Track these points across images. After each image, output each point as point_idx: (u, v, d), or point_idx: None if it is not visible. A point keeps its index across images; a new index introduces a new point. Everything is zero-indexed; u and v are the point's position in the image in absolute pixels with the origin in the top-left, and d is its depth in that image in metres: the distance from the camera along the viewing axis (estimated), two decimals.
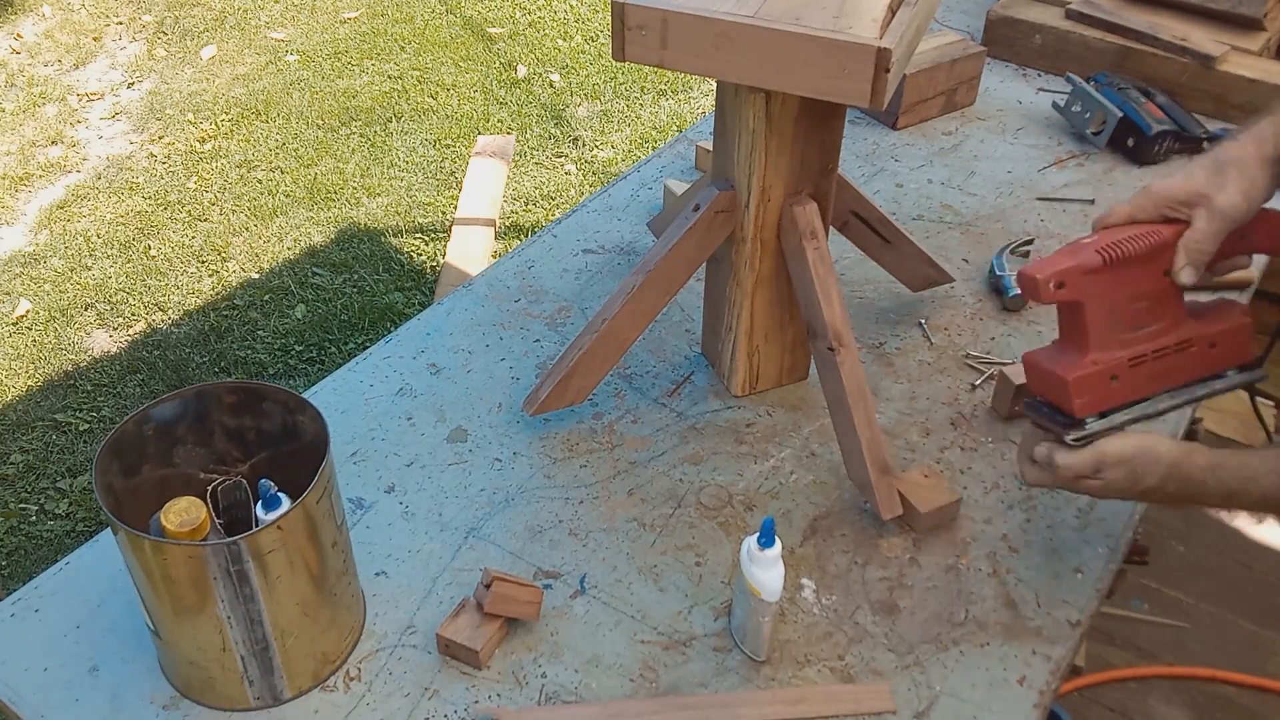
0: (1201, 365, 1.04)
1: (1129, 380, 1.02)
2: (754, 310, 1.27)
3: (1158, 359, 1.03)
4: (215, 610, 0.92)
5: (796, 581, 1.13)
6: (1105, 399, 1.02)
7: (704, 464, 1.26)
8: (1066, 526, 1.19)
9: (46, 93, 4.23)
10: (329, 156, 3.80)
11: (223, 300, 3.20)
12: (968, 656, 1.06)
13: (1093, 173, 1.76)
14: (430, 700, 1.02)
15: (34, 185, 3.75)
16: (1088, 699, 2.13)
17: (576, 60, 4.33)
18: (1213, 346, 1.04)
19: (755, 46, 1.05)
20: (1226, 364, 1.05)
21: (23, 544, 2.51)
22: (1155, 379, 1.03)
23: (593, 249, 1.62)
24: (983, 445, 1.29)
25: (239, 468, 1.06)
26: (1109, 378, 1.01)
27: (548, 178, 3.69)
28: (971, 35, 2.08)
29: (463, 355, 1.42)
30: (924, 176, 1.76)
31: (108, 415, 2.83)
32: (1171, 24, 1.91)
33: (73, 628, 1.08)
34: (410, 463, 1.26)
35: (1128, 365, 1.02)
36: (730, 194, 1.20)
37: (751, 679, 1.04)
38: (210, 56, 4.44)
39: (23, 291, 3.26)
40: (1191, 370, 1.04)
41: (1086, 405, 1.01)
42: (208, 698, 1.01)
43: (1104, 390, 1.02)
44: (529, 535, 1.18)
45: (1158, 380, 1.04)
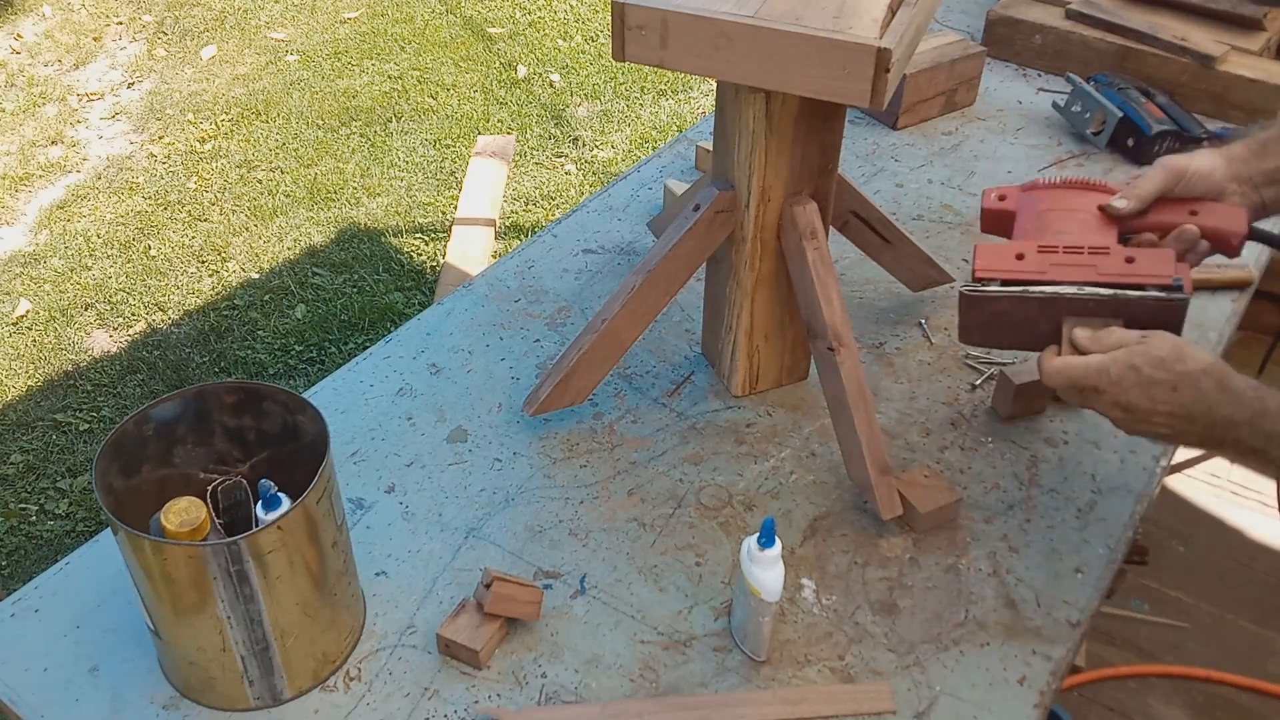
0: (1118, 273, 1.06)
1: (1035, 261, 1.08)
2: (754, 310, 1.27)
3: (1069, 253, 1.07)
4: (215, 610, 0.92)
5: (796, 581, 1.13)
6: (1007, 269, 1.08)
7: (704, 464, 1.27)
8: (1066, 526, 1.19)
9: (46, 93, 4.23)
10: (329, 156, 3.80)
11: (223, 300, 3.20)
12: (968, 656, 1.06)
13: (1092, 173, 1.76)
14: (430, 700, 1.02)
15: (34, 185, 3.75)
16: (1088, 698, 2.13)
17: (576, 60, 4.33)
18: (1130, 261, 1.06)
19: (755, 46, 1.05)
20: (1146, 279, 1.05)
21: (23, 544, 2.51)
22: (1064, 270, 1.07)
23: (593, 249, 1.62)
24: (983, 445, 1.29)
25: (239, 468, 1.06)
26: (1015, 254, 1.08)
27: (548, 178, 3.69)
28: (971, 35, 2.08)
29: (463, 355, 1.42)
30: (924, 176, 1.76)
31: (108, 415, 2.83)
32: (1171, 24, 1.91)
33: (73, 628, 1.08)
34: (410, 463, 1.26)
35: (1036, 249, 1.08)
36: (730, 194, 1.20)
37: (751, 679, 1.04)
38: (210, 56, 4.45)
39: (23, 291, 3.26)
40: (1105, 274, 1.06)
41: (986, 269, 1.08)
42: (208, 698, 1.01)
43: (1007, 261, 1.08)
44: (529, 535, 1.18)
45: (1066, 272, 1.07)
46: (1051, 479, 1.25)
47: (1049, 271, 1.07)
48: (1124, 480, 1.25)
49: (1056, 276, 1.07)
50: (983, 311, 1.10)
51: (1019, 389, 1.29)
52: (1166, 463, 1.28)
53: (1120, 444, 1.29)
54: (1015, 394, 1.29)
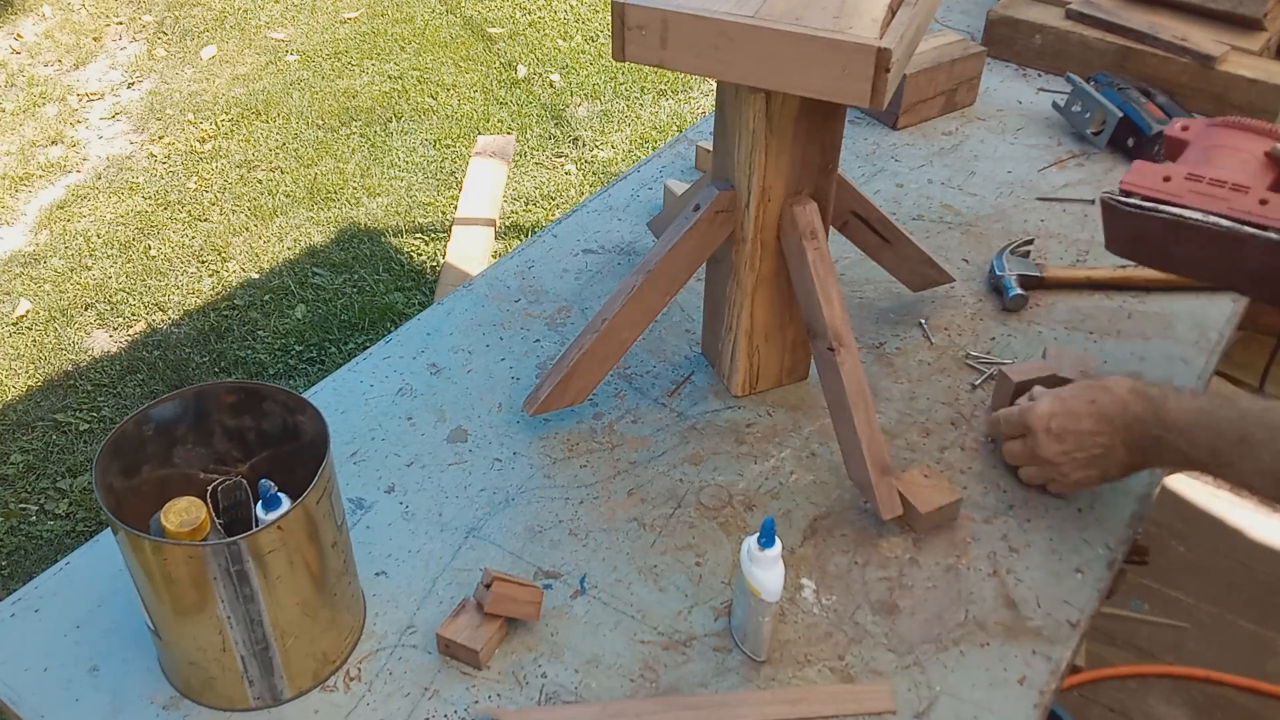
0: (1248, 210, 1.12)
1: (1178, 185, 1.16)
2: (754, 310, 1.27)
3: (1212, 184, 1.15)
4: (215, 610, 0.92)
5: (796, 581, 1.13)
6: (1150, 188, 1.16)
7: (704, 464, 1.27)
8: (1066, 526, 1.19)
9: (46, 93, 4.23)
10: (329, 156, 3.80)
11: (223, 300, 3.20)
12: (968, 656, 1.06)
13: (1093, 173, 1.76)
14: (430, 700, 1.02)
15: (34, 185, 3.75)
16: (1088, 698, 2.13)
17: (576, 60, 4.33)
18: (1264, 203, 1.12)
19: (755, 46, 1.05)
20: (1271, 221, 1.12)
21: (23, 544, 2.51)
22: (1199, 197, 1.14)
23: (593, 249, 1.62)
24: (983, 445, 1.29)
25: (239, 468, 1.06)
26: (1162, 176, 1.17)
27: (548, 178, 3.69)
28: (971, 35, 2.08)
29: (463, 355, 1.42)
30: (924, 176, 1.76)
31: (108, 415, 2.83)
32: (1171, 24, 1.91)
33: (73, 628, 1.08)
34: (410, 463, 1.26)
35: (1184, 176, 1.16)
36: (730, 194, 1.20)
37: (751, 679, 1.04)
38: (210, 56, 4.45)
39: (23, 291, 3.26)
40: (1236, 210, 1.13)
41: (1133, 184, 1.17)
42: (208, 698, 1.01)
43: (1154, 180, 1.17)
44: (529, 535, 1.18)
45: (1204, 200, 1.14)
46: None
47: (1186, 197, 1.15)
48: (1124, 480, 1.24)
49: (1192, 202, 1.14)
50: (1117, 220, 1.19)
51: (1019, 388, 1.29)
52: None
53: None
54: (1015, 393, 1.29)
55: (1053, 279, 1.51)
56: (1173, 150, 1.27)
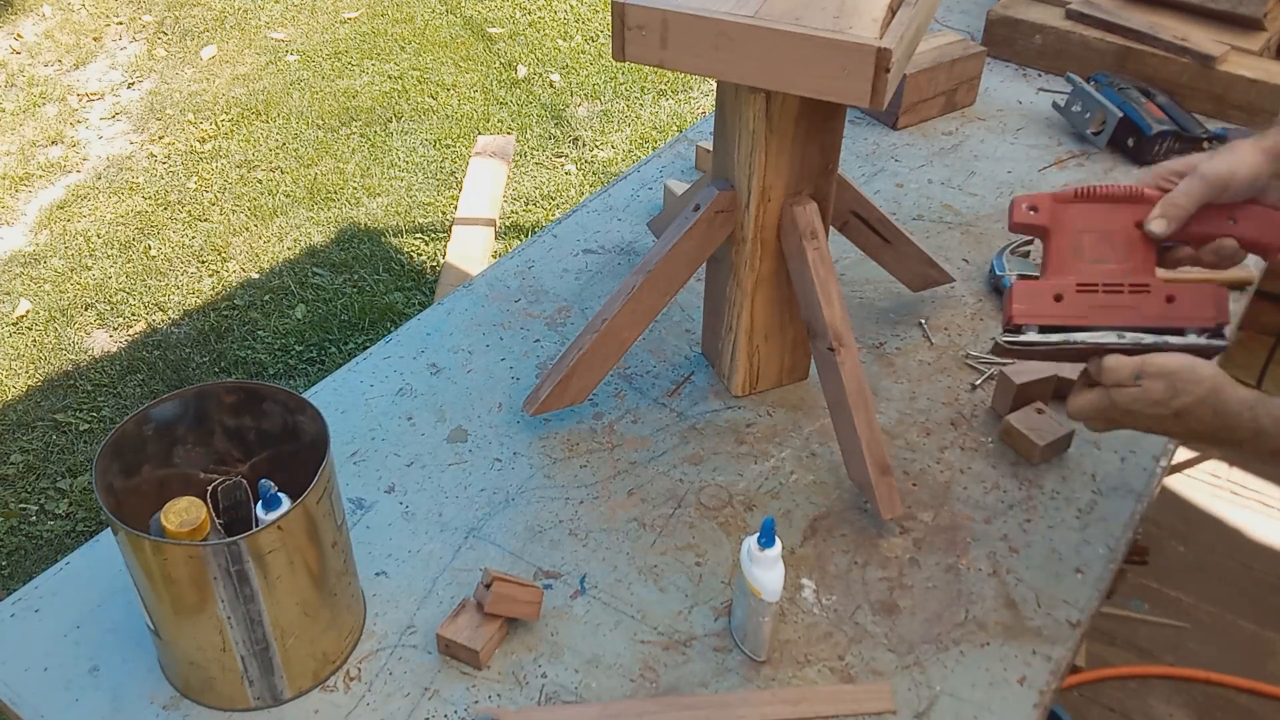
0: (1158, 314, 1.04)
1: (1074, 303, 1.05)
2: (754, 310, 1.27)
3: (1109, 293, 1.05)
4: (215, 610, 0.92)
5: (796, 581, 1.13)
6: (1046, 314, 1.05)
7: (704, 464, 1.26)
8: (1066, 526, 1.19)
9: (46, 93, 4.23)
10: (329, 156, 3.80)
11: (223, 300, 3.20)
12: (968, 656, 1.06)
13: (1093, 173, 1.76)
14: (430, 700, 1.02)
15: (34, 185, 3.75)
16: (1088, 698, 2.13)
17: (576, 60, 4.33)
18: (1170, 301, 1.04)
19: (755, 46, 1.05)
20: (1187, 322, 1.04)
21: (23, 544, 2.51)
22: (1104, 312, 1.05)
23: (593, 249, 1.62)
24: (983, 445, 1.29)
25: (239, 468, 1.06)
26: (1053, 295, 1.05)
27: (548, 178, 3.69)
28: (971, 35, 2.08)
29: (463, 355, 1.42)
30: (924, 176, 1.76)
31: (108, 415, 2.83)
32: (1171, 24, 1.91)
33: (73, 628, 1.08)
34: (410, 463, 1.26)
35: (1075, 288, 1.05)
36: (730, 194, 1.20)
37: (751, 679, 1.04)
38: (210, 56, 4.45)
39: (23, 291, 3.26)
40: (1146, 316, 1.05)
41: (1024, 314, 1.05)
42: (208, 698, 1.01)
43: (1045, 305, 1.05)
44: (529, 535, 1.18)
45: (1107, 314, 1.05)
46: (1051, 479, 1.25)
47: (1089, 315, 1.05)
48: (1124, 480, 1.25)
49: (1097, 321, 1.05)
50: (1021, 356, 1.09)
51: (1019, 389, 1.29)
52: (1166, 463, 1.28)
53: (1120, 444, 1.29)
54: (1015, 394, 1.29)
55: None
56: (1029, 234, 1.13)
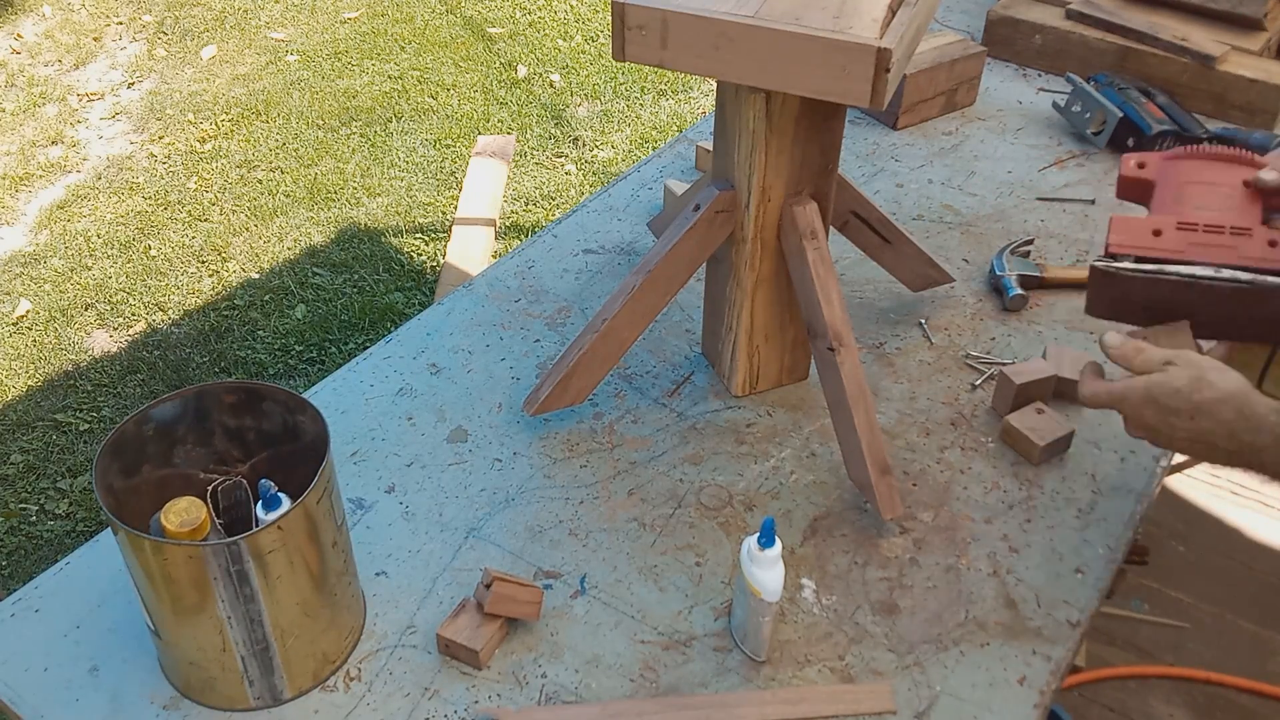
0: (1259, 256, 1.01)
1: (1172, 238, 1.03)
2: (754, 310, 1.27)
3: (1209, 231, 1.03)
4: (215, 610, 0.92)
5: (796, 581, 1.13)
6: (1143, 245, 1.03)
7: (704, 464, 1.26)
8: (1066, 526, 1.19)
9: (47, 93, 4.23)
10: (329, 156, 3.80)
11: (223, 300, 3.20)
12: (968, 656, 1.06)
13: (1093, 173, 1.76)
14: (430, 700, 1.02)
15: (34, 185, 3.75)
16: (1088, 699, 2.13)
17: (576, 60, 4.33)
18: (1274, 245, 1.01)
19: (755, 46, 1.05)
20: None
21: (23, 544, 2.51)
22: (1203, 249, 1.02)
23: (593, 249, 1.62)
24: (983, 445, 1.29)
25: (239, 468, 1.06)
26: (1152, 230, 1.03)
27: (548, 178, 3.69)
28: (971, 35, 2.08)
29: (463, 355, 1.42)
30: (924, 176, 1.76)
31: (108, 415, 2.83)
32: (1171, 24, 1.91)
33: (73, 628, 1.08)
34: (410, 463, 1.26)
35: (1175, 225, 1.03)
36: (730, 194, 1.20)
37: (751, 679, 1.04)
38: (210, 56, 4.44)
39: (23, 291, 3.26)
40: (1245, 257, 1.02)
41: (1120, 244, 1.03)
42: (208, 698, 1.01)
43: (1143, 237, 1.03)
44: (529, 535, 1.18)
45: (1205, 251, 1.02)
46: (1051, 479, 1.25)
47: (1187, 251, 1.02)
48: (1124, 480, 1.25)
49: (1194, 256, 1.02)
50: (1114, 289, 1.05)
51: (1019, 389, 1.29)
52: (1167, 463, 1.28)
53: (1120, 444, 1.29)
54: (1015, 394, 1.29)
55: (1053, 279, 1.51)
56: (1134, 192, 1.13)
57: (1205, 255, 1.02)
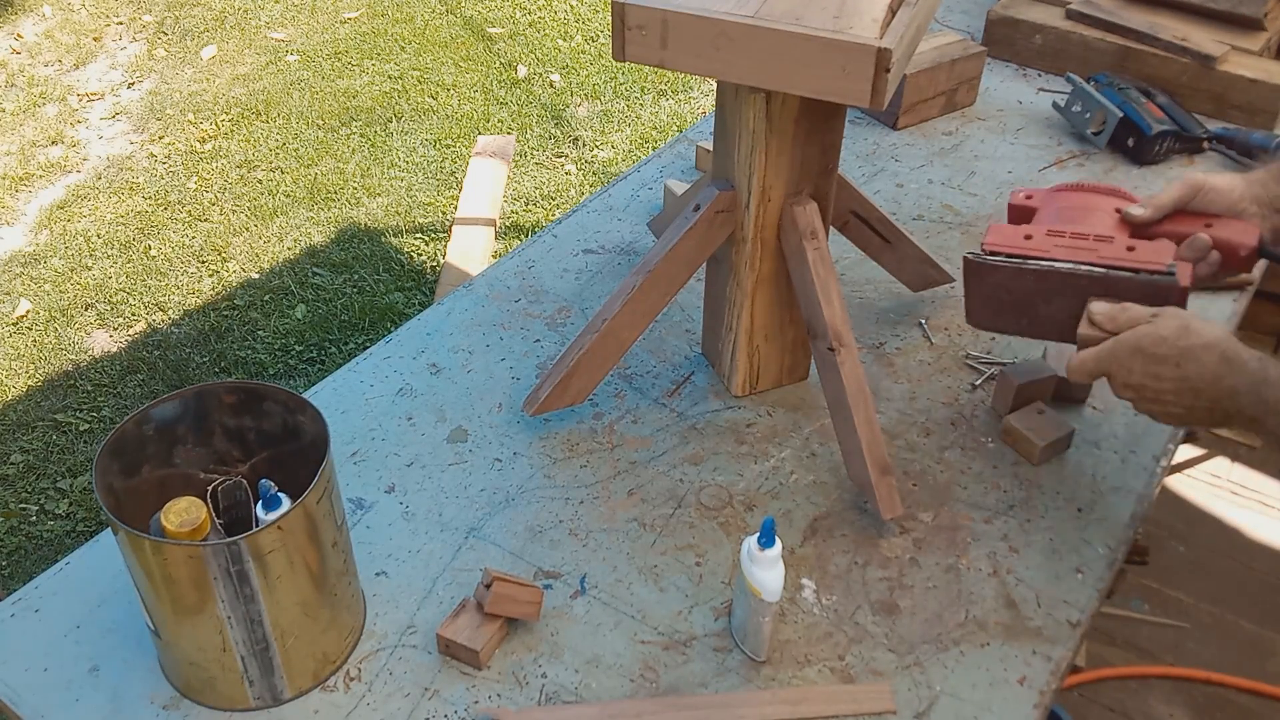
0: (1117, 257, 1.12)
1: (1041, 241, 1.15)
2: (754, 310, 1.27)
3: (1075, 238, 1.14)
4: (215, 610, 0.92)
5: (797, 581, 1.13)
6: (1013, 246, 1.15)
7: (704, 464, 1.26)
8: (1066, 526, 1.19)
9: (47, 93, 4.23)
10: (329, 156, 3.80)
11: (223, 300, 3.20)
12: (968, 657, 1.06)
13: (1093, 173, 1.76)
14: (430, 700, 1.02)
15: (34, 185, 3.75)
16: (1088, 698, 2.13)
17: (576, 60, 4.33)
18: (1130, 250, 1.12)
19: (755, 46, 1.05)
20: (1143, 265, 1.11)
21: (23, 544, 2.51)
22: (1067, 251, 1.14)
23: (593, 249, 1.62)
24: (983, 445, 1.29)
25: (239, 468, 1.06)
26: (1024, 235, 1.16)
27: (548, 178, 3.69)
28: (971, 35, 2.08)
29: (463, 355, 1.42)
30: (924, 176, 1.76)
31: (108, 415, 2.83)
32: (1171, 24, 1.91)
33: (73, 628, 1.08)
34: (410, 463, 1.26)
35: (1045, 232, 1.16)
36: (730, 194, 1.20)
37: (751, 679, 1.04)
38: (210, 56, 4.44)
39: (23, 291, 3.26)
40: (1105, 258, 1.12)
41: (994, 244, 1.15)
42: (208, 698, 1.01)
43: (1015, 239, 1.15)
44: (529, 535, 1.18)
45: (1070, 253, 1.13)
46: (1051, 479, 1.25)
47: (1051, 251, 1.14)
48: (1124, 480, 1.25)
49: (1057, 256, 1.13)
50: (984, 282, 1.16)
51: (1019, 389, 1.29)
52: (1166, 463, 1.28)
53: (1120, 444, 1.29)
54: (1015, 394, 1.29)
55: None
56: (1020, 218, 1.25)
57: (1068, 255, 1.13)
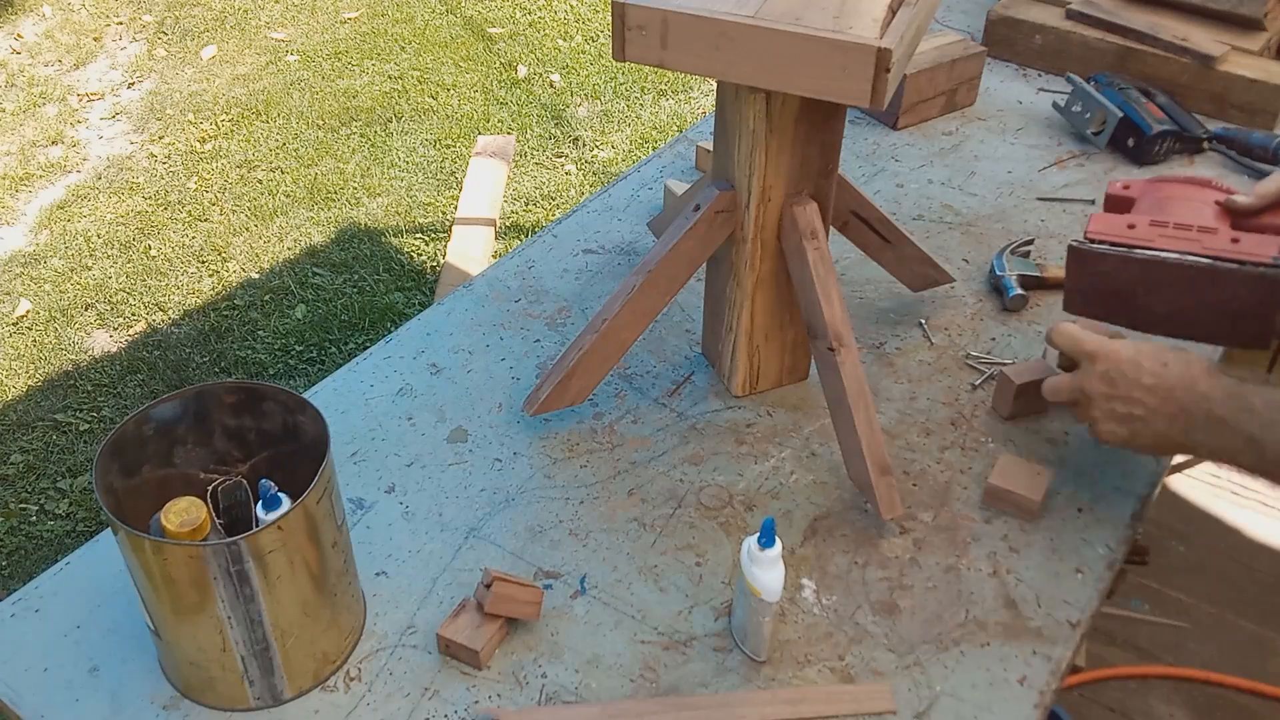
0: (1221, 248, 1.12)
1: (1144, 231, 1.16)
2: (754, 310, 1.27)
3: (1178, 228, 1.15)
4: (215, 610, 0.92)
5: (797, 581, 1.13)
6: (1117, 235, 1.16)
7: (704, 464, 1.26)
8: (1066, 526, 1.19)
9: (47, 93, 4.23)
10: (329, 156, 3.80)
11: (223, 300, 3.20)
12: (968, 656, 1.06)
13: (1093, 173, 1.76)
14: (430, 700, 1.02)
15: (34, 185, 3.75)
16: (1088, 699, 2.13)
17: (576, 60, 4.33)
18: (1235, 241, 1.12)
19: (755, 46, 1.05)
20: (1248, 257, 1.11)
21: (23, 544, 2.51)
22: (1171, 241, 1.14)
23: (593, 249, 1.62)
24: (983, 445, 1.29)
25: (239, 468, 1.06)
26: (1127, 224, 1.17)
27: (548, 178, 3.69)
28: (971, 35, 2.08)
29: (463, 355, 1.42)
30: (924, 176, 1.76)
31: (108, 415, 2.84)
32: (1171, 24, 1.91)
33: (73, 628, 1.08)
34: (410, 463, 1.26)
35: (1148, 221, 1.16)
36: (730, 194, 1.20)
37: (752, 679, 1.04)
38: (210, 56, 4.45)
39: (23, 291, 3.26)
40: (1209, 248, 1.13)
41: (1098, 232, 1.17)
42: (208, 698, 1.01)
43: (1118, 228, 1.17)
44: (529, 535, 1.18)
45: (1173, 243, 1.14)
46: (1051, 479, 1.25)
47: (1156, 241, 1.14)
48: (1124, 480, 1.25)
49: (1162, 246, 1.14)
50: (1087, 270, 1.17)
51: (1019, 389, 1.29)
52: (1167, 463, 1.28)
53: None
54: (1016, 394, 1.29)
55: (1053, 279, 1.51)
56: (1118, 208, 1.26)
57: (1172, 245, 1.14)
